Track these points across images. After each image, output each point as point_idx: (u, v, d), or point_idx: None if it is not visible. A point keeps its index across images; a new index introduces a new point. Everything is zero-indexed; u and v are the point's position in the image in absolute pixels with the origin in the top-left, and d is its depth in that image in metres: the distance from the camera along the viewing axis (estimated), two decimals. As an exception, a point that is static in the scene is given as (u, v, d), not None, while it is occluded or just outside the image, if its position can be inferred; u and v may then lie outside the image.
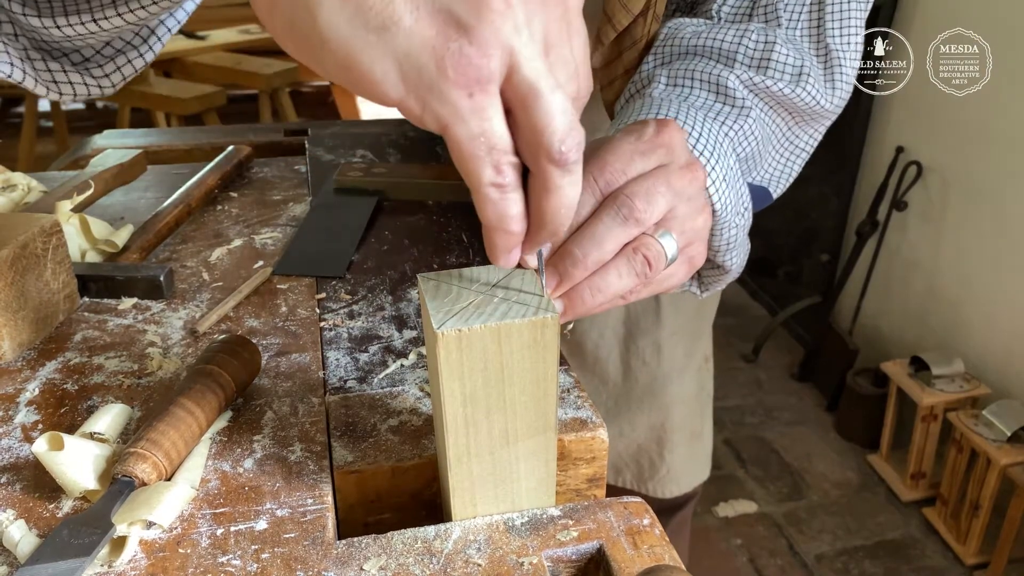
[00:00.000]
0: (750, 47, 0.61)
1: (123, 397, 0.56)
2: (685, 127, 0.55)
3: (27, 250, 0.61)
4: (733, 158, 0.58)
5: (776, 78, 0.61)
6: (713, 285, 0.65)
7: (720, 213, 0.55)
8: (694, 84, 0.61)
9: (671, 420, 1.07)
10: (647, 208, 0.46)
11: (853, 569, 1.89)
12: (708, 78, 0.60)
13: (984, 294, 2.02)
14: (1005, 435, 1.77)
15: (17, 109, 4.68)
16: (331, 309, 0.68)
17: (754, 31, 0.62)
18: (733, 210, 0.56)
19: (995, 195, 1.96)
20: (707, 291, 0.66)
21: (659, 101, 0.58)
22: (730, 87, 0.60)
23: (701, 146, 0.54)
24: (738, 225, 0.58)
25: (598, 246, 0.45)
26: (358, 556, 0.43)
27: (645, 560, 0.43)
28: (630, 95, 0.65)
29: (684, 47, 0.64)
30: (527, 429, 0.44)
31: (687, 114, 0.56)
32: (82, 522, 0.43)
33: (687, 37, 0.64)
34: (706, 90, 0.60)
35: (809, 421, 2.41)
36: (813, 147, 0.68)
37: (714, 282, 0.64)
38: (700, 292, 0.66)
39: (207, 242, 0.79)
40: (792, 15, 0.64)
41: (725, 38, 0.62)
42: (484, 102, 0.34)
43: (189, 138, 1.12)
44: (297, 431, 0.52)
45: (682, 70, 0.62)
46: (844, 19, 0.64)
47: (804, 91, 0.62)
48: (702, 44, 0.63)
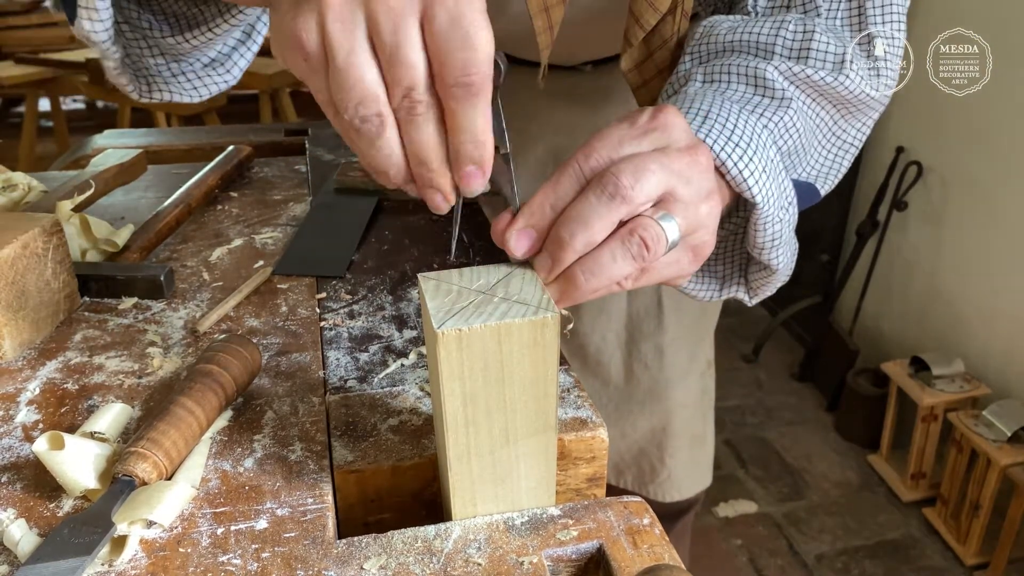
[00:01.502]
0: (788, 38, 0.59)
1: (123, 396, 0.56)
2: (719, 120, 0.53)
3: (28, 250, 0.61)
4: (774, 150, 0.56)
5: (817, 67, 0.59)
6: (762, 290, 0.63)
7: (762, 206, 0.53)
8: (731, 78, 0.59)
9: (673, 424, 1.07)
10: (634, 184, 0.44)
11: (853, 569, 1.89)
12: (745, 71, 0.59)
13: (984, 294, 2.02)
14: (1005, 435, 1.77)
15: (17, 109, 4.68)
16: (331, 309, 0.68)
17: (791, 21, 0.60)
18: (776, 204, 0.55)
19: (996, 195, 1.96)
20: (756, 297, 0.63)
21: (693, 97, 0.56)
22: (768, 79, 0.58)
23: (737, 136, 0.52)
24: (783, 220, 0.56)
25: (584, 226, 0.44)
26: (358, 555, 0.43)
27: (645, 559, 0.43)
28: (667, 96, 0.64)
29: (721, 44, 0.63)
30: (527, 429, 0.44)
31: (722, 107, 0.54)
32: (83, 521, 0.43)
33: (723, 34, 0.63)
34: (743, 83, 0.59)
35: (809, 421, 2.41)
36: (862, 141, 0.65)
37: (763, 285, 0.62)
38: (749, 298, 0.64)
39: (207, 242, 0.79)
40: (831, 4, 0.62)
41: (762, 31, 0.61)
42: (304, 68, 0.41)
43: (189, 138, 1.12)
44: (297, 431, 0.52)
45: (718, 65, 0.60)
46: (886, 6, 0.61)
47: (848, 79, 0.59)
48: (738, 39, 0.61)
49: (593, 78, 0.93)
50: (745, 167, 0.52)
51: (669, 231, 0.45)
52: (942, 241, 2.14)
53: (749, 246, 0.58)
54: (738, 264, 0.64)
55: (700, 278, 0.65)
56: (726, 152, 0.52)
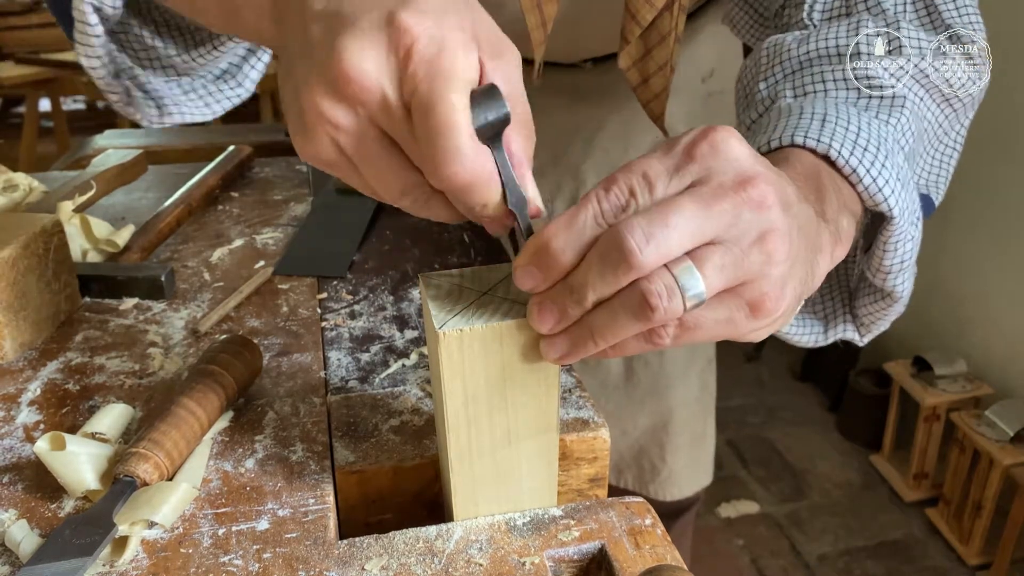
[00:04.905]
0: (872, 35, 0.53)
1: (124, 397, 0.56)
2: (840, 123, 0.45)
3: (29, 250, 0.61)
4: (902, 156, 0.49)
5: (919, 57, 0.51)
6: (876, 324, 0.55)
7: (898, 220, 0.47)
8: (827, 86, 0.51)
9: (673, 422, 1.07)
10: (645, 247, 0.35)
11: (855, 569, 1.89)
12: (843, 75, 0.51)
13: (987, 294, 2.02)
14: (1008, 435, 1.77)
15: (18, 109, 4.69)
16: (332, 309, 0.68)
17: (867, 20, 0.53)
18: (908, 219, 0.48)
19: (997, 195, 1.96)
20: (869, 334, 0.57)
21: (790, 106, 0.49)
22: (873, 76, 0.50)
23: (863, 140, 0.45)
24: (913, 238, 0.49)
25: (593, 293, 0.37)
26: (360, 556, 0.43)
27: (647, 560, 0.43)
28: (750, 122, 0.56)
29: (798, 60, 0.55)
30: (529, 429, 0.43)
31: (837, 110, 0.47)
32: (84, 522, 0.43)
33: (794, 48, 0.56)
34: (844, 88, 0.51)
35: (811, 421, 2.40)
36: (963, 145, 0.59)
37: (878, 319, 0.55)
38: (860, 336, 0.57)
39: (208, 242, 0.79)
40: (897, 4, 0.55)
41: (837, 36, 0.53)
42: None
43: (190, 138, 1.12)
44: (298, 431, 0.52)
45: (807, 75, 0.53)
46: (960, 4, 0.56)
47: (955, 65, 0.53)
48: (815, 49, 0.54)
49: (594, 76, 0.92)
50: (879, 174, 0.45)
51: (690, 285, 0.36)
52: (944, 241, 2.14)
53: (872, 271, 0.51)
54: (841, 300, 0.58)
55: (799, 322, 0.57)
56: (856, 158, 0.45)
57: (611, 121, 0.94)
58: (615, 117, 0.94)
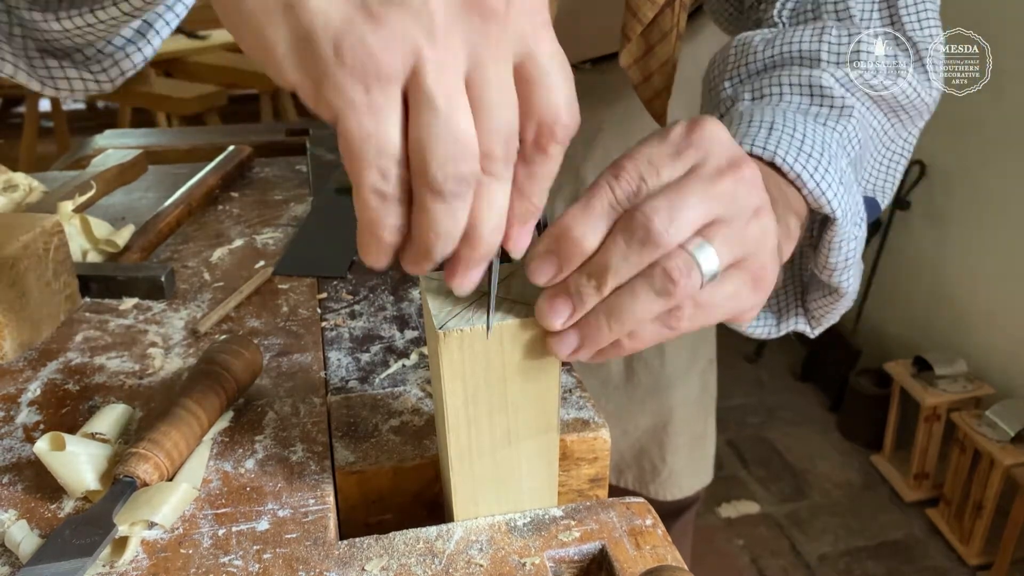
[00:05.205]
0: (832, 43, 0.55)
1: (124, 397, 0.56)
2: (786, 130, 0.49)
3: (29, 250, 0.61)
4: (845, 161, 0.52)
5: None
6: (826, 318, 0.58)
7: (841, 221, 0.49)
8: (783, 90, 0.55)
9: (673, 423, 1.07)
10: (669, 226, 0.37)
11: (856, 570, 1.89)
12: (799, 81, 0.55)
13: (987, 294, 2.02)
14: (1009, 435, 1.77)
15: (18, 109, 4.69)
16: (332, 309, 0.68)
17: (832, 27, 0.56)
18: (851, 220, 0.51)
19: (998, 195, 1.96)
20: (819, 327, 0.59)
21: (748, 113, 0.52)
22: (826, 86, 0.54)
23: (808, 146, 0.48)
24: (856, 237, 0.52)
25: (613, 275, 0.38)
26: (360, 556, 0.43)
27: (647, 560, 0.43)
28: None
29: (762, 61, 0.58)
30: (529, 429, 0.43)
31: (785, 117, 0.50)
32: (84, 522, 0.43)
33: (761, 50, 0.59)
34: (799, 94, 0.55)
35: (812, 421, 2.40)
36: (911, 151, 0.62)
37: (827, 312, 0.57)
38: (812, 329, 0.59)
39: (208, 242, 0.79)
40: (864, 11, 0.58)
41: (802, 40, 0.57)
42: (381, 100, 0.31)
43: (190, 138, 1.12)
44: (299, 431, 0.52)
45: (767, 79, 0.56)
46: (920, 10, 0.59)
47: (905, 82, 0.56)
48: (779, 52, 0.58)
49: (593, 76, 0.92)
50: (822, 179, 0.48)
51: (704, 260, 0.38)
52: (945, 240, 2.14)
53: (819, 268, 0.54)
54: (794, 294, 0.60)
55: None
56: (800, 164, 0.47)
57: (611, 121, 0.94)
58: (615, 117, 0.94)
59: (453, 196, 0.33)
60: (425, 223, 0.34)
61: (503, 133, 0.33)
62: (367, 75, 0.30)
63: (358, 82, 0.30)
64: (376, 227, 0.35)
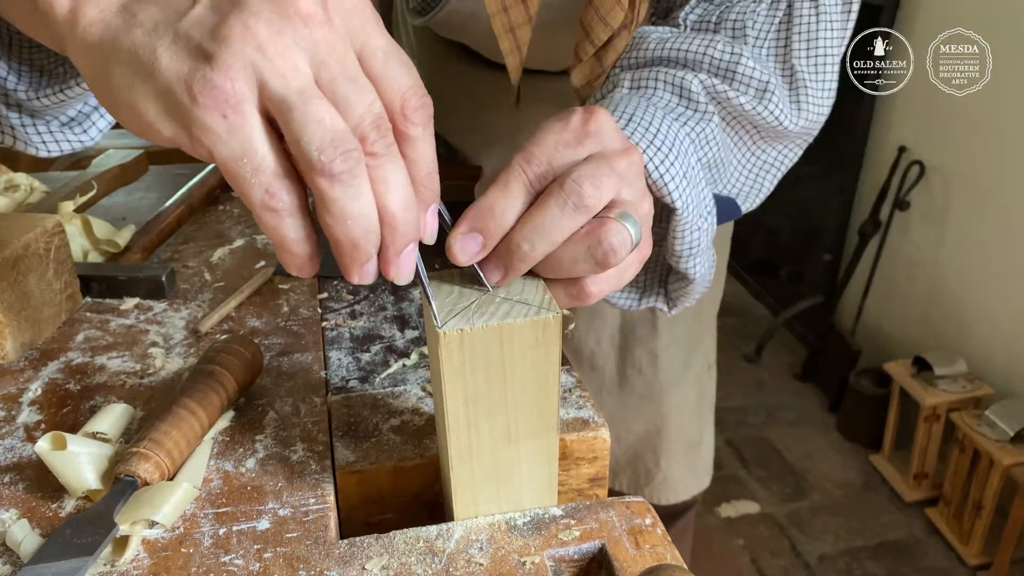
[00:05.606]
0: (716, 56, 0.60)
1: (125, 397, 0.56)
2: (642, 123, 0.53)
3: (30, 250, 0.61)
4: (695, 158, 0.56)
5: (740, 91, 0.60)
6: (681, 300, 0.63)
7: (681, 212, 0.53)
8: (658, 85, 0.60)
9: (667, 430, 1.06)
10: (595, 193, 0.43)
11: (856, 570, 1.89)
12: (672, 80, 0.59)
13: (987, 294, 2.02)
14: (1008, 435, 1.77)
15: (19, 110, 4.68)
16: (333, 309, 0.68)
17: (720, 42, 0.61)
18: (695, 211, 0.55)
19: (998, 195, 1.96)
20: (675, 307, 0.64)
21: (619, 101, 0.57)
22: (692, 91, 0.58)
23: (659, 141, 0.53)
24: (701, 228, 0.56)
25: (546, 238, 0.43)
26: (360, 556, 0.43)
27: (647, 560, 0.43)
28: (595, 101, 0.64)
29: (649, 55, 0.63)
30: (529, 429, 0.44)
31: (646, 111, 0.55)
32: (85, 521, 0.43)
33: (652, 45, 0.63)
34: (669, 92, 0.59)
35: (811, 421, 2.40)
36: (787, 165, 0.66)
37: (681, 296, 0.62)
38: (668, 308, 0.64)
39: (209, 242, 0.79)
40: (760, 33, 0.62)
41: (691, 47, 0.61)
42: (239, 122, 0.34)
43: (191, 139, 1.12)
44: (299, 431, 0.52)
45: (646, 72, 0.61)
46: (812, 41, 0.62)
47: (766, 109, 0.60)
48: (667, 52, 0.62)
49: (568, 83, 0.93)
50: (667, 171, 0.52)
51: (634, 232, 0.44)
52: (944, 241, 2.14)
53: (667, 254, 0.58)
54: (658, 274, 0.64)
55: None
56: (647, 155, 0.52)
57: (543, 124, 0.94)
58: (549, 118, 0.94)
59: (345, 173, 0.35)
60: (335, 213, 0.36)
61: (369, 116, 0.36)
62: (219, 104, 0.34)
63: (215, 113, 0.34)
64: (283, 242, 0.37)
